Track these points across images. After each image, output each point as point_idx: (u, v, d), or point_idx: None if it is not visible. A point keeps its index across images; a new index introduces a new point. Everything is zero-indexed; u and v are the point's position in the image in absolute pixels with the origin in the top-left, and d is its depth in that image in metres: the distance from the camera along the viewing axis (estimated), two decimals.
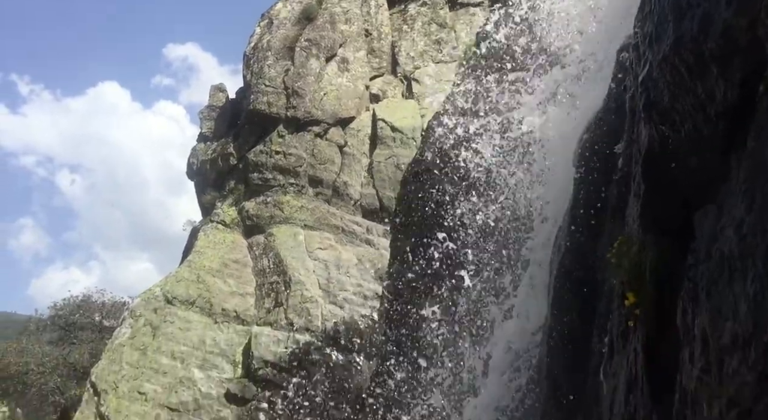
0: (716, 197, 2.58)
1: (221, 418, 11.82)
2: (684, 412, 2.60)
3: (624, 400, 3.25)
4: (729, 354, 2.24)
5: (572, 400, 4.87)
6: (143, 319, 12.80)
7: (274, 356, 12.93)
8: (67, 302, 17.62)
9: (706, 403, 2.27)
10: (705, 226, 2.64)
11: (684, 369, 2.69)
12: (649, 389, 2.96)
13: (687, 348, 2.68)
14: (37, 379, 15.62)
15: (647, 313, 3.00)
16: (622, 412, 3.25)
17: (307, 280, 14.40)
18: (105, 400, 11.37)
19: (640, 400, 3.04)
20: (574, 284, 5.01)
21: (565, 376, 5.05)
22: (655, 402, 2.89)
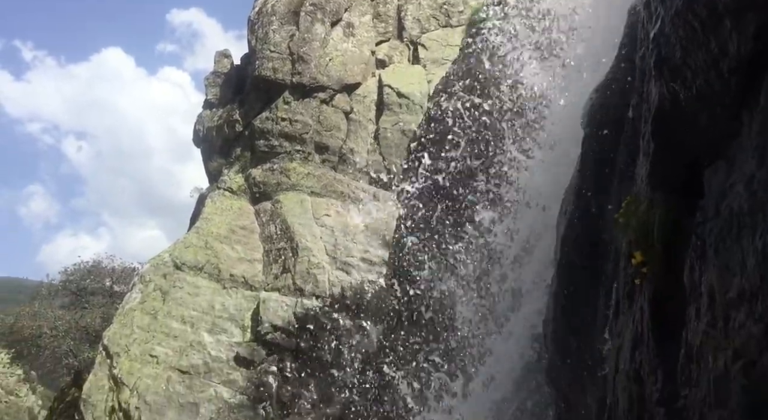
0: (726, 154, 2.57)
1: (231, 380, 12.04)
2: (689, 366, 2.65)
3: (629, 357, 3.30)
4: (736, 308, 2.27)
5: (578, 358, 4.95)
6: (153, 284, 12.96)
7: (282, 321, 13.09)
8: (77, 268, 17.88)
9: (711, 356, 2.30)
10: (714, 183, 2.64)
11: (690, 325, 2.73)
12: (654, 345, 3.00)
13: (693, 304, 2.72)
14: (50, 342, 15.95)
15: (654, 271, 3.02)
16: (627, 369, 3.30)
17: (314, 247, 14.48)
18: (117, 362, 11.60)
19: (645, 356, 3.09)
20: (581, 246, 5.04)
21: (571, 335, 5.13)
22: (661, 358, 2.94)
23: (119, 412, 11.05)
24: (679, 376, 2.71)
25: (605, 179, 4.73)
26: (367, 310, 13.25)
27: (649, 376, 2.98)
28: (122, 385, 11.35)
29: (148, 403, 11.24)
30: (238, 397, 11.90)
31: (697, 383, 2.48)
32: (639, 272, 3.15)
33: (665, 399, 2.78)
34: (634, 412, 3.10)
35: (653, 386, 2.91)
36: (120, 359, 11.65)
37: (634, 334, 3.30)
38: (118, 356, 11.70)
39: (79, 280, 17.66)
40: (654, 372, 2.93)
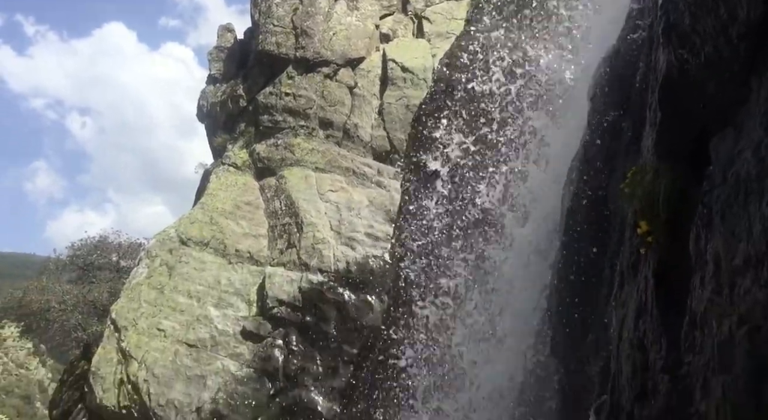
0: (734, 121, 2.56)
1: (238, 353, 12.17)
2: (693, 333, 2.66)
3: (633, 326, 3.33)
4: (741, 274, 2.28)
5: (581, 329, 4.98)
6: (159, 259, 13.05)
7: (287, 296, 13.18)
8: (84, 243, 18.05)
9: (716, 323, 2.32)
10: (722, 151, 2.62)
11: (694, 293, 2.74)
12: (658, 314, 3.02)
13: (698, 273, 2.72)
14: (58, 315, 16.15)
15: (659, 240, 3.03)
16: (630, 338, 3.33)
17: (319, 222, 14.51)
18: (125, 336, 11.74)
19: (649, 325, 3.11)
20: (586, 217, 5.04)
21: (575, 306, 5.15)
22: (664, 326, 2.95)
23: (128, 385, 11.21)
24: (683, 343, 2.72)
25: (611, 151, 4.71)
26: (371, 285, 13.33)
27: (652, 345, 3.00)
28: (130, 358, 11.49)
29: (156, 375, 11.39)
30: (244, 370, 12.04)
31: (701, 350, 2.50)
32: (644, 242, 3.16)
33: (669, 366, 2.80)
34: (637, 380, 3.13)
35: (657, 354, 2.94)
36: (128, 333, 11.78)
37: (638, 304, 3.31)
38: (125, 330, 11.83)
39: (86, 255, 17.82)
40: (658, 340, 2.96)
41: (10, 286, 21.47)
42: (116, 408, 11.10)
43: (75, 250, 18.02)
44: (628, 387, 3.27)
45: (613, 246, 4.82)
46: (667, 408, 2.75)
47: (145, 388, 11.19)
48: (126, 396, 11.13)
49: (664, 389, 2.81)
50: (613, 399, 3.75)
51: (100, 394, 11.13)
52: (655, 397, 2.90)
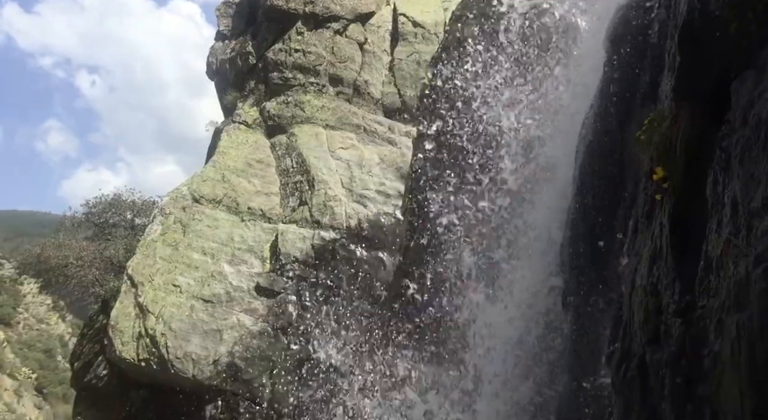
0: (756, 62, 2.52)
1: (252, 309, 12.37)
2: (708, 277, 2.69)
3: (647, 273, 3.34)
4: (759, 216, 2.28)
5: (593, 279, 5.03)
6: (173, 217, 13.16)
7: (300, 253, 13.29)
8: (99, 200, 18.22)
9: (732, 263, 2.33)
10: (742, 93, 2.59)
11: (710, 237, 2.75)
12: (672, 259, 3.03)
13: (715, 217, 2.73)
14: (76, 271, 16.46)
15: (675, 186, 3.01)
16: (644, 284, 3.35)
17: (330, 180, 14.52)
18: (142, 291, 11.95)
19: (663, 271, 3.13)
20: (601, 169, 5.02)
21: (588, 257, 5.19)
22: (678, 271, 2.97)
23: (146, 338, 11.47)
24: (697, 287, 2.75)
25: (627, 101, 4.66)
26: (383, 242, 13.41)
27: (666, 289, 3.02)
28: (148, 313, 11.73)
29: (173, 329, 11.63)
30: (259, 324, 12.26)
31: (716, 292, 2.52)
32: (660, 188, 3.15)
33: (682, 310, 2.83)
34: (650, 324, 3.16)
35: (670, 298, 2.97)
36: (144, 288, 11.99)
37: (653, 251, 3.33)
38: (142, 285, 12.04)
39: (101, 213, 18.02)
40: (671, 285, 2.98)
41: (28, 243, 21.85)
42: (135, 360, 11.40)
43: (90, 207, 18.24)
44: (640, 332, 3.31)
45: (626, 198, 4.81)
46: (680, 351, 2.80)
47: (162, 342, 11.45)
48: (145, 349, 11.42)
49: (677, 332, 2.85)
50: (624, 346, 3.81)
51: (119, 347, 11.43)
52: (667, 341, 2.94)
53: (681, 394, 2.72)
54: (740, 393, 2.09)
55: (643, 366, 3.26)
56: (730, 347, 2.25)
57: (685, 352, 2.79)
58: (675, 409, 2.72)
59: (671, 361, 2.87)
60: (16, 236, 70.18)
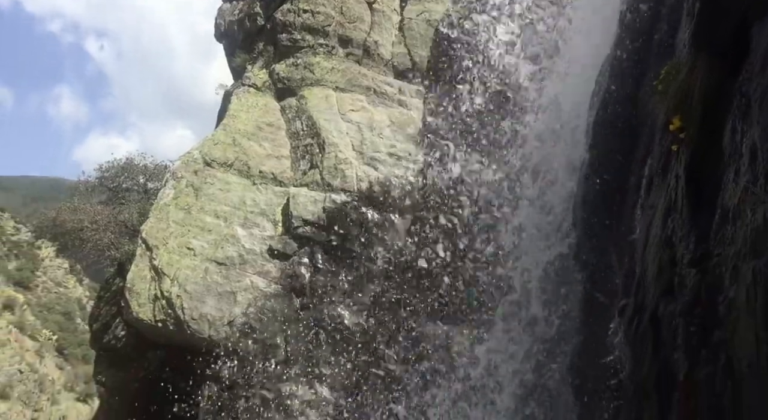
0: None
1: (265, 271, 12.49)
2: (724, 226, 2.67)
3: (661, 226, 3.33)
4: None
5: (606, 234, 5.02)
6: (185, 180, 13.21)
7: (312, 215, 13.33)
8: (111, 165, 18.35)
9: (749, 211, 2.31)
10: (762, 38, 2.53)
11: (727, 186, 2.72)
12: (688, 210, 3.01)
13: (732, 166, 2.69)
14: (92, 235, 16.67)
15: (692, 136, 2.97)
16: (658, 236, 3.34)
17: (341, 142, 14.46)
18: (156, 254, 12.09)
19: (678, 222, 3.11)
20: (615, 123, 4.95)
21: (601, 216, 5.16)
22: (694, 222, 2.95)
23: (162, 300, 11.65)
24: (713, 237, 2.74)
25: (644, 52, 4.56)
26: (394, 204, 13.42)
27: (681, 241, 3.01)
28: (163, 276, 11.89)
29: (189, 291, 11.80)
30: (272, 286, 12.38)
31: (732, 241, 2.51)
32: (676, 138, 3.11)
33: (697, 260, 2.83)
34: (664, 277, 3.16)
35: (685, 249, 2.96)
36: (159, 251, 12.13)
37: (668, 203, 3.30)
38: (156, 249, 12.17)
39: (114, 177, 18.17)
40: (686, 236, 2.96)
41: (43, 208, 22.15)
42: (152, 321, 11.61)
43: (103, 171, 18.39)
44: (653, 285, 3.31)
45: (640, 153, 4.75)
46: (694, 300, 2.80)
47: (178, 303, 11.64)
48: (161, 310, 11.61)
49: (691, 283, 2.84)
50: (637, 300, 3.82)
51: (136, 308, 11.63)
52: (681, 292, 2.94)
53: (695, 343, 2.73)
54: (756, 338, 2.09)
55: (656, 318, 3.28)
56: (746, 293, 2.25)
57: (699, 301, 2.79)
58: (689, 357, 2.73)
59: (685, 310, 2.88)
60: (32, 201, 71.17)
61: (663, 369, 3.04)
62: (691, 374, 2.71)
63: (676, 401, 2.82)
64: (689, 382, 2.72)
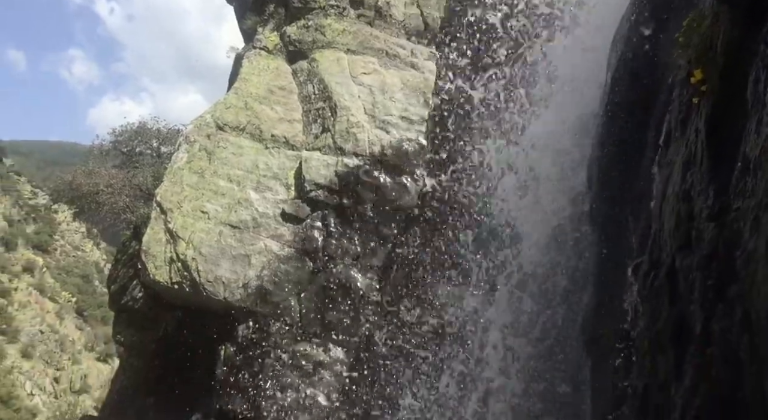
0: None
1: (279, 234, 12.57)
2: (744, 178, 2.64)
3: (680, 180, 3.29)
4: None
5: (622, 194, 4.98)
6: (198, 144, 13.23)
7: (324, 179, 13.34)
8: (125, 129, 18.43)
9: None
10: None
11: (749, 138, 2.68)
12: (708, 163, 2.97)
13: (755, 116, 2.65)
14: (107, 198, 16.84)
15: (714, 88, 2.92)
16: (677, 192, 3.30)
17: (353, 106, 14.37)
18: (171, 218, 12.19)
19: (697, 176, 3.07)
20: (633, 77, 4.86)
21: (617, 171, 5.12)
22: (713, 175, 2.92)
23: (177, 262, 11.80)
24: (733, 190, 2.71)
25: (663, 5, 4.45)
26: (406, 168, 13.38)
27: (699, 194, 2.98)
28: (178, 239, 12.01)
29: (204, 254, 11.93)
30: (286, 249, 12.48)
31: (752, 193, 2.48)
32: (697, 90, 3.05)
33: (716, 213, 2.81)
34: (681, 231, 3.15)
35: (703, 203, 2.93)
36: (173, 215, 12.23)
37: (687, 157, 3.26)
38: (171, 212, 12.27)
39: (128, 141, 18.27)
40: (705, 189, 2.94)
41: (59, 172, 22.40)
42: (169, 283, 11.78)
43: (116, 135, 18.47)
44: (670, 240, 3.30)
45: (659, 109, 4.68)
46: (712, 254, 2.79)
47: (194, 266, 11.78)
48: (177, 273, 11.77)
49: (709, 236, 2.83)
50: (653, 257, 3.81)
51: (152, 271, 11.79)
52: (699, 246, 2.92)
53: (711, 296, 2.73)
54: None
55: (672, 273, 3.27)
56: (765, 245, 2.23)
57: (717, 255, 2.78)
58: (705, 310, 2.74)
59: (702, 264, 2.87)
60: (47, 166, 71.85)
61: (679, 323, 3.04)
62: (708, 327, 2.71)
63: (692, 354, 2.84)
64: (705, 335, 2.73)
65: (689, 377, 2.79)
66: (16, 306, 54.56)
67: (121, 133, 18.43)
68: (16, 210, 66.23)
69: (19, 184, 71.33)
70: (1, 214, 63.08)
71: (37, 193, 68.03)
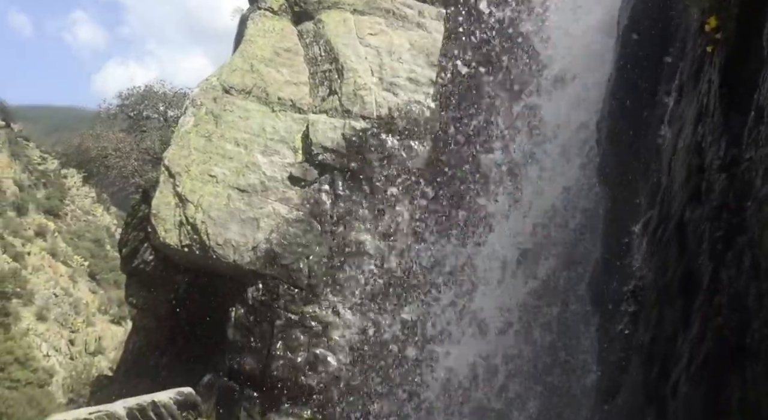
0: None
1: (287, 198, 12.61)
2: (758, 128, 2.62)
3: (691, 133, 3.27)
4: None
5: (632, 152, 4.95)
6: (204, 108, 13.18)
7: (331, 142, 13.32)
8: (131, 92, 18.37)
9: None
10: None
11: (763, 87, 2.65)
12: (720, 114, 2.95)
13: None
14: (116, 162, 16.89)
15: (728, 35, 2.87)
16: (688, 144, 3.29)
17: (360, 68, 14.22)
18: (180, 181, 12.24)
19: (709, 127, 3.05)
20: (644, 32, 4.78)
21: (626, 129, 5.08)
22: (726, 125, 2.90)
23: (187, 226, 11.89)
24: (745, 139, 2.69)
25: None
26: (414, 131, 13.31)
27: (711, 146, 2.97)
28: (187, 202, 12.07)
29: (213, 218, 12.00)
30: (294, 213, 12.53)
31: (765, 142, 2.47)
32: (711, 39, 3.01)
33: (727, 165, 2.79)
34: (691, 183, 3.14)
35: (714, 154, 2.92)
36: (182, 178, 12.27)
37: (698, 110, 3.23)
38: (179, 176, 12.31)
39: (135, 105, 18.22)
40: (717, 140, 2.92)
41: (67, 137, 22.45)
42: (179, 246, 11.89)
43: (123, 99, 18.41)
44: (680, 192, 3.29)
45: (670, 64, 4.61)
46: (721, 205, 2.79)
47: (203, 229, 11.87)
48: (187, 235, 11.87)
49: (720, 187, 2.82)
50: (662, 211, 3.81)
51: (162, 234, 11.89)
52: (709, 197, 2.92)
53: (721, 247, 2.74)
54: None
55: (681, 226, 3.28)
56: None
57: (727, 206, 2.78)
58: (713, 260, 2.75)
59: (712, 215, 2.87)
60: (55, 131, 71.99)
61: (687, 274, 3.06)
62: (716, 277, 2.73)
63: (700, 304, 2.86)
64: (714, 284, 2.75)
65: (697, 327, 2.82)
66: (29, 270, 55.40)
67: (127, 96, 18.38)
68: (26, 175, 66.64)
69: (28, 149, 71.58)
70: (11, 179, 63.52)
71: (46, 159, 68.30)
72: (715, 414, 2.56)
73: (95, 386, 14.74)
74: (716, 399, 2.58)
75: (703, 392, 2.68)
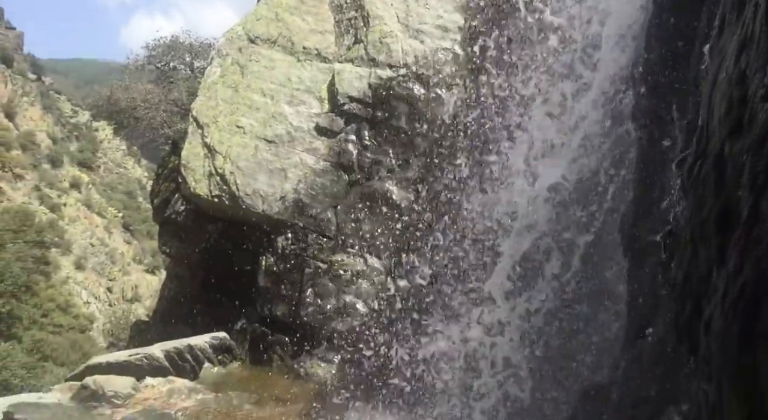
0: None
1: (314, 148, 12.62)
2: None
3: (733, 63, 3.14)
4: None
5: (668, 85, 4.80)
6: (230, 58, 13.12)
7: (357, 92, 13.21)
8: (158, 43, 18.38)
9: None
10: None
11: None
12: (766, 40, 2.82)
13: None
14: (145, 113, 17.07)
15: None
16: (729, 75, 3.16)
17: (386, 14, 13.94)
18: (208, 132, 12.31)
19: (753, 55, 2.92)
20: None
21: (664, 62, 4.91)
22: None
23: (216, 176, 12.02)
24: None
25: None
26: (441, 79, 13.09)
27: (755, 74, 2.85)
28: (216, 153, 12.17)
29: (241, 168, 12.10)
30: (321, 163, 12.56)
31: None
32: None
33: None
34: (732, 116, 3.03)
35: (759, 84, 2.80)
36: (210, 129, 12.34)
37: (742, 38, 3.10)
38: (207, 127, 12.37)
39: (161, 56, 18.26)
40: (762, 68, 2.80)
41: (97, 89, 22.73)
42: (209, 196, 12.06)
43: (150, 50, 18.45)
44: (719, 127, 3.19)
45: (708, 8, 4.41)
46: (764, 136, 2.69)
47: (232, 180, 11.99)
48: (216, 186, 12.01)
49: (763, 117, 2.72)
50: (699, 149, 3.70)
51: (192, 184, 12.06)
52: (751, 128, 2.82)
53: (761, 180, 2.66)
54: None
55: (720, 161, 3.18)
56: None
57: None
58: (754, 192, 2.68)
59: (754, 147, 2.78)
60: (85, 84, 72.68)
61: (725, 210, 2.99)
62: (756, 209, 2.66)
63: (737, 238, 2.81)
64: (753, 217, 2.68)
65: (733, 261, 2.78)
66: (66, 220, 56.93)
67: (154, 47, 18.38)
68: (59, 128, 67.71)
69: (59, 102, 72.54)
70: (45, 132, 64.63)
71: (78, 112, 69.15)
72: (750, 347, 2.54)
73: (133, 331, 15.27)
74: (751, 332, 2.56)
75: (739, 326, 2.66)
